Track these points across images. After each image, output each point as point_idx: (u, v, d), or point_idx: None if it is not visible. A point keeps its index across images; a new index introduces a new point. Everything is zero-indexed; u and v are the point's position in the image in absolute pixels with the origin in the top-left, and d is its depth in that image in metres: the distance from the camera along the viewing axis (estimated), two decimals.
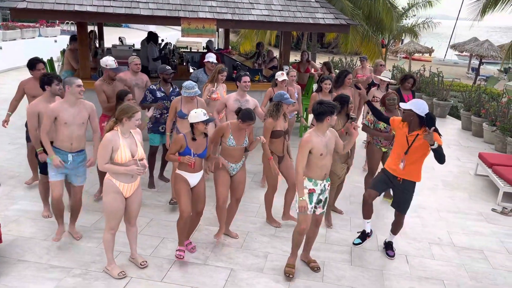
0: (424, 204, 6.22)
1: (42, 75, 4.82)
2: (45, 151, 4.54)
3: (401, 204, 4.58)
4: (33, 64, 5.40)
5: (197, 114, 4.08)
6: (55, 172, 4.37)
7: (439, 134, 4.25)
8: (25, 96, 5.53)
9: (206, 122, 4.10)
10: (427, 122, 4.22)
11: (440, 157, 4.16)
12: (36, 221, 5.00)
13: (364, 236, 4.79)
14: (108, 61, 5.50)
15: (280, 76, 6.34)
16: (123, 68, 5.89)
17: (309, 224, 4.19)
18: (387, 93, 5.63)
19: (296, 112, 7.40)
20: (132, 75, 6.10)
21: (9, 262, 4.20)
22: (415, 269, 4.60)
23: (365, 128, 5.60)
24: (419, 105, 4.25)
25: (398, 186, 4.51)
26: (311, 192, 4.10)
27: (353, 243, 4.77)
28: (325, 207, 4.31)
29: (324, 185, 4.18)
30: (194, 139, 4.15)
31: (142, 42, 10.13)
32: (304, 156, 3.98)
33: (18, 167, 6.42)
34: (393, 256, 4.75)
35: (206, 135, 4.28)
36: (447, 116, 12.07)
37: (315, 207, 4.22)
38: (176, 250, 4.37)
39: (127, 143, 3.82)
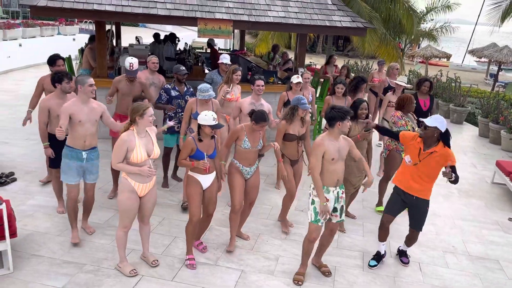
0: (439, 211, 6.13)
1: (53, 73, 4.92)
2: (52, 143, 4.75)
3: (416, 221, 4.46)
4: (53, 60, 5.49)
5: (206, 117, 4.04)
6: (70, 175, 4.39)
7: (448, 146, 4.18)
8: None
9: (213, 128, 4.08)
10: (445, 139, 4.15)
11: (455, 182, 4.10)
12: (51, 216, 5.06)
13: (379, 258, 4.68)
14: (126, 63, 5.55)
15: (295, 79, 6.31)
16: (139, 70, 5.92)
17: (320, 234, 4.16)
18: (407, 99, 5.53)
19: (310, 115, 7.36)
20: (150, 74, 6.15)
21: (23, 257, 4.26)
22: (429, 277, 4.53)
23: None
24: (443, 122, 4.10)
25: (412, 203, 4.39)
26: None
27: (369, 265, 4.61)
28: (343, 216, 4.23)
29: (338, 192, 4.14)
30: (200, 140, 4.13)
31: (153, 43, 10.21)
32: (318, 160, 3.96)
33: (34, 163, 6.51)
34: (408, 263, 4.69)
35: (213, 136, 4.26)
36: (464, 122, 11.89)
37: (331, 215, 4.19)
38: (186, 260, 4.35)
39: (143, 143, 3.84)
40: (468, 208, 6.34)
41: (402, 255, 4.76)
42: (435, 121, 4.10)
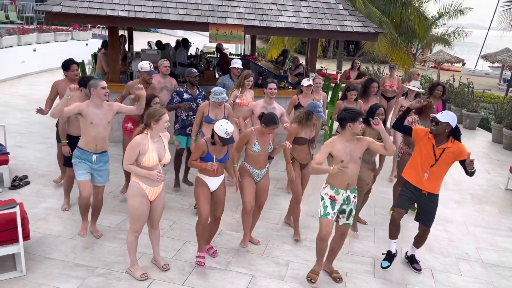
0: (451, 217, 6.06)
1: (81, 77, 5.04)
2: (68, 144, 4.93)
3: (427, 217, 4.44)
4: (67, 65, 5.58)
5: (222, 127, 4.02)
6: (82, 171, 4.47)
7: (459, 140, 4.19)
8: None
9: (222, 141, 4.06)
10: (455, 134, 4.14)
11: (473, 174, 4.12)
12: (64, 219, 5.11)
13: (391, 257, 4.64)
14: (143, 64, 5.66)
15: (306, 81, 6.31)
16: (156, 72, 5.99)
17: (331, 230, 4.13)
18: (427, 107, 5.46)
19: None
20: (161, 77, 6.21)
21: (36, 259, 4.30)
22: (441, 284, 4.47)
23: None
24: (454, 118, 4.13)
25: (423, 199, 4.38)
26: (332, 199, 4.08)
27: (382, 267, 4.58)
28: (350, 220, 4.21)
29: (348, 196, 4.12)
30: (213, 143, 4.14)
31: (163, 48, 10.30)
32: (321, 155, 3.98)
33: (47, 166, 6.59)
34: (420, 270, 4.63)
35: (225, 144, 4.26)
36: (477, 128, 11.76)
37: (338, 216, 4.17)
38: (196, 257, 4.38)
39: (156, 148, 3.87)
40: (481, 215, 6.25)
41: (413, 261, 4.70)
42: (447, 116, 4.12)
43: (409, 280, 4.48)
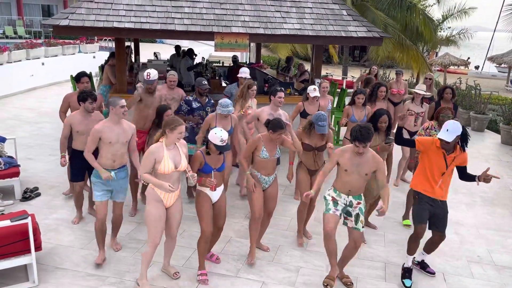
0: (462, 220, 6.01)
1: (80, 91, 5.09)
2: (73, 157, 5.03)
3: (443, 223, 4.35)
4: (78, 77, 5.71)
5: (215, 136, 4.00)
6: (101, 193, 4.42)
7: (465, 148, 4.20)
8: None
9: (218, 149, 4.03)
10: (463, 141, 4.13)
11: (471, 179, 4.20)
12: (74, 230, 5.16)
13: (410, 273, 4.49)
14: (144, 74, 5.70)
15: (313, 91, 6.27)
16: (155, 80, 6.03)
17: (335, 226, 4.12)
18: (442, 108, 5.36)
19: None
20: (168, 89, 6.23)
21: (48, 270, 4.34)
22: None
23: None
24: (458, 127, 4.01)
25: (438, 206, 4.30)
26: (334, 200, 4.19)
27: (406, 286, 4.39)
28: (359, 225, 4.18)
29: (351, 201, 4.16)
30: (208, 153, 4.13)
31: (173, 56, 10.39)
32: (330, 164, 4.15)
33: (57, 178, 6.66)
34: (434, 273, 4.58)
35: (221, 152, 4.21)
36: (485, 130, 11.68)
37: (345, 217, 4.20)
38: (198, 275, 4.32)
39: (171, 155, 3.91)
40: (493, 217, 6.19)
41: (425, 267, 4.65)
42: (453, 132, 3.98)
43: (420, 285, 4.45)
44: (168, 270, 4.34)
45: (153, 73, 5.68)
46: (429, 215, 4.33)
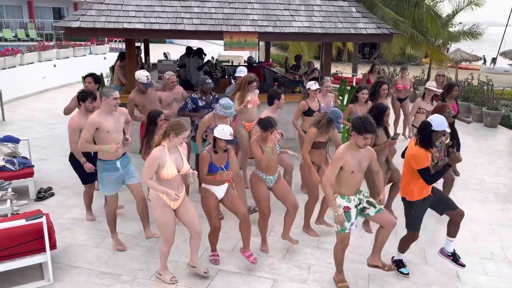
0: (475, 217, 5.95)
1: (80, 91, 5.14)
2: (89, 160, 4.97)
3: (451, 201, 4.35)
4: (85, 78, 5.77)
5: (224, 132, 4.10)
6: (109, 188, 4.59)
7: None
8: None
9: (228, 143, 4.14)
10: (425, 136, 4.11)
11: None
12: (88, 229, 5.22)
13: (402, 262, 4.56)
14: (140, 76, 5.77)
15: (313, 85, 6.25)
16: (154, 84, 6.09)
17: (349, 242, 4.11)
18: (444, 106, 5.32)
19: None
20: (168, 91, 6.25)
21: (62, 268, 4.41)
22: (467, 285, 4.40)
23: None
24: (442, 121, 4.04)
25: (433, 197, 4.31)
26: (346, 210, 4.02)
27: (404, 273, 4.47)
28: (378, 207, 4.13)
29: (359, 198, 4.15)
30: (216, 152, 4.18)
31: (182, 56, 10.44)
32: (333, 173, 3.92)
33: (70, 178, 6.73)
34: (465, 266, 4.50)
35: (226, 150, 4.30)
36: (498, 126, 11.53)
37: (362, 210, 4.18)
38: (210, 256, 4.51)
39: (174, 159, 3.92)
40: (506, 213, 6.12)
41: (457, 259, 4.51)
42: (439, 125, 4.01)
43: (434, 281, 4.42)
44: (198, 267, 4.30)
45: (149, 77, 5.84)
46: (435, 206, 4.37)
